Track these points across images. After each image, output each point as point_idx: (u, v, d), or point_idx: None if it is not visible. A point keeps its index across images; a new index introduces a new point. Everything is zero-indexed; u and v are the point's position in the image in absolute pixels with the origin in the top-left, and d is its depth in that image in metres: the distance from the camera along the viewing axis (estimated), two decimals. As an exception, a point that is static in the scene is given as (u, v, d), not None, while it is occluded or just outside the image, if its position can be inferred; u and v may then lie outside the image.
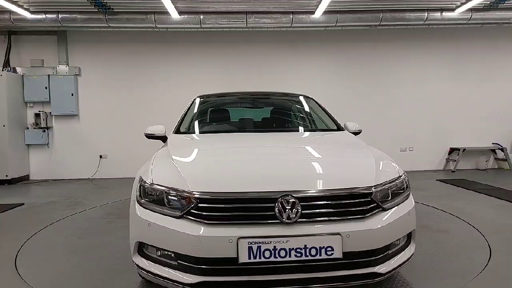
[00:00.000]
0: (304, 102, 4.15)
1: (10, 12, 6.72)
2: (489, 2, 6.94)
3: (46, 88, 7.76)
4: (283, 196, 1.96)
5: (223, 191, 2.03)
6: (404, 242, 2.29)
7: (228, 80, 7.99)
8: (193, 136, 3.37)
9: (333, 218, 1.99)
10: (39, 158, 8.01)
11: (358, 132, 3.61)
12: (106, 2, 6.62)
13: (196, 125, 3.65)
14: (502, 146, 8.19)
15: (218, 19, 7.05)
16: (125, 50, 8.00)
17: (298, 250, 1.90)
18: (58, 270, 3.02)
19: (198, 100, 4.06)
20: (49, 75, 7.78)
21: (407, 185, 2.40)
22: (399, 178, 2.34)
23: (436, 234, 3.73)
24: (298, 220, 1.94)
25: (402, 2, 6.94)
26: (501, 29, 8.08)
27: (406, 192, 2.35)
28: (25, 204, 5.51)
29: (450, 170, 8.13)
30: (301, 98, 4.19)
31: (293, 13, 7.08)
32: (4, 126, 7.25)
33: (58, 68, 7.82)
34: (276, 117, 4.17)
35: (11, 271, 3.00)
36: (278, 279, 1.94)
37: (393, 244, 2.16)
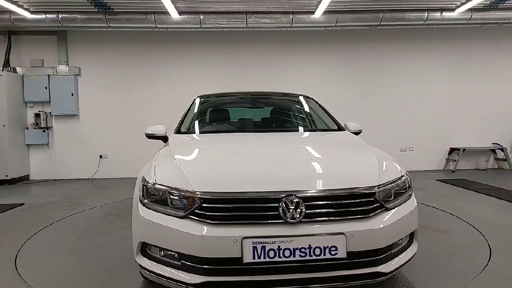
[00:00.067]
0: (304, 102, 4.14)
1: (10, 12, 6.72)
2: (489, 2, 6.94)
3: (46, 88, 7.75)
4: (287, 196, 1.96)
5: (227, 191, 2.03)
6: (406, 242, 2.29)
7: (228, 80, 7.99)
8: (194, 136, 3.36)
9: (336, 218, 1.99)
10: (39, 158, 8.00)
11: (359, 132, 3.60)
12: (106, 2, 6.62)
13: (196, 125, 3.64)
14: (502, 146, 8.19)
15: (218, 19, 7.05)
16: (125, 50, 7.99)
17: (303, 250, 1.90)
18: (58, 270, 3.02)
19: (198, 100, 4.05)
20: (49, 75, 7.77)
21: (410, 184, 2.40)
22: (402, 178, 2.34)
23: (436, 234, 3.73)
24: (302, 220, 1.94)
25: (402, 2, 6.94)
26: (501, 29, 8.09)
27: (408, 191, 2.36)
28: (25, 204, 5.50)
29: (450, 170, 8.13)
30: (301, 98, 4.19)
31: (293, 13, 7.08)
32: (4, 126, 7.25)
33: (58, 68, 7.81)
34: (276, 117, 4.16)
35: (11, 271, 3.00)
36: (282, 279, 1.94)
37: (395, 243, 2.16)
